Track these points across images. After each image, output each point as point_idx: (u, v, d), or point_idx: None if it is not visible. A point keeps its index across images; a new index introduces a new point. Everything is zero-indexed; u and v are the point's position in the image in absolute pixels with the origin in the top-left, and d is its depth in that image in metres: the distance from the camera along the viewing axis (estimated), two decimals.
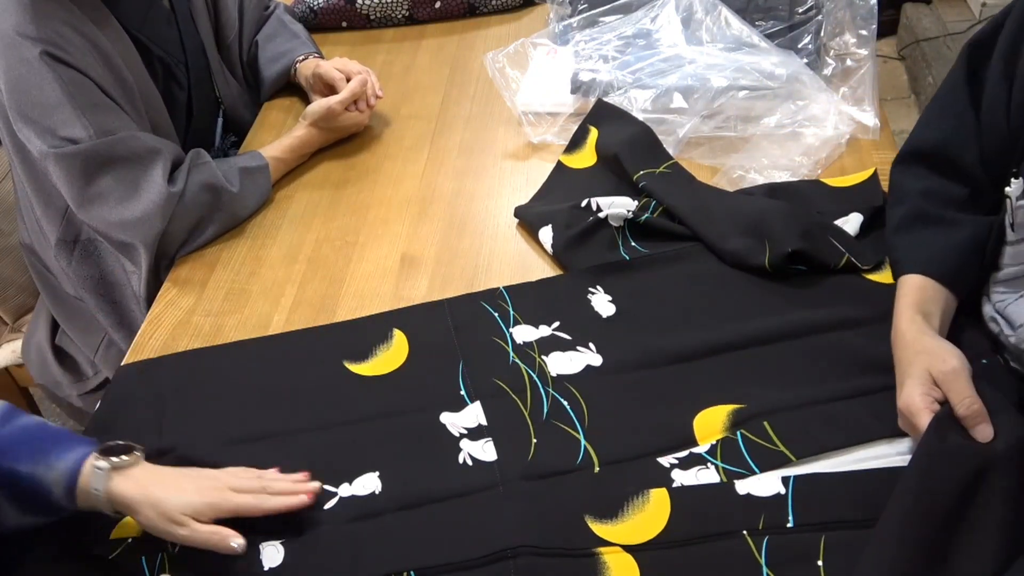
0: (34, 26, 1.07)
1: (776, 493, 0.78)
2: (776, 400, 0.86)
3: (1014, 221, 0.82)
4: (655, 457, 0.84)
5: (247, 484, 0.82)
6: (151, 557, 0.81)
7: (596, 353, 0.96)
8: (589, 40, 1.37)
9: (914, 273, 0.88)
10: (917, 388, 0.78)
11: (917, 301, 0.85)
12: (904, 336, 0.83)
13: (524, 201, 1.19)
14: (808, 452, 0.81)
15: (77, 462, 0.78)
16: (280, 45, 1.47)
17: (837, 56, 1.29)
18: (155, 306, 1.13)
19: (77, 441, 0.81)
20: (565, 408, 0.90)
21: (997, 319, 0.86)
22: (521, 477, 0.84)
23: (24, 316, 1.50)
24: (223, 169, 1.21)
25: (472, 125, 1.37)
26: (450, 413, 0.91)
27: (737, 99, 1.22)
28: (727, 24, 1.30)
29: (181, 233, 1.18)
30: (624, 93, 1.28)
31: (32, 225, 1.28)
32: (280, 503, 0.81)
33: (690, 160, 1.21)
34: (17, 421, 0.80)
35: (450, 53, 1.56)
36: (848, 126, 1.20)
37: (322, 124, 1.31)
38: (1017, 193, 0.81)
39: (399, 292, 1.09)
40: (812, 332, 0.93)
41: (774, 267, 0.99)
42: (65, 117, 1.08)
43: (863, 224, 1.04)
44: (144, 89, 1.22)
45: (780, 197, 1.09)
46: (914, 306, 0.85)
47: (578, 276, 1.05)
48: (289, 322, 1.07)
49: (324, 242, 1.19)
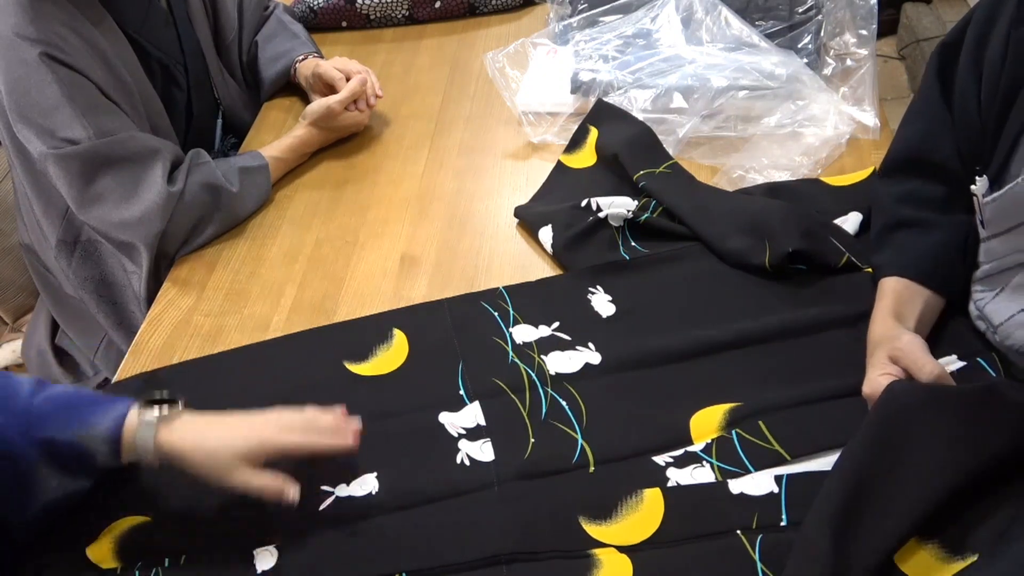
0: (33, 27, 1.07)
1: (769, 492, 0.79)
2: (772, 399, 0.86)
3: (983, 219, 0.82)
4: (650, 456, 0.84)
5: (294, 421, 0.81)
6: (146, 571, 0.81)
7: (595, 352, 0.96)
8: (589, 40, 1.37)
9: (891, 276, 0.89)
10: (876, 371, 0.81)
11: (891, 304, 0.87)
12: (871, 337, 0.86)
13: (524, 201, 1.19)
14: (802, 451, 0.81)
15: (118, 419, 0.78)
16: (280, 45, 1.47)
17: (837, 56, 1.29)
18: (155, 306, 1.13)
19: (113, 401, 0.80)
20: (563, 408, 0.90)
21: (980, 317, 0.86)
22: (517, 477, 0.84)
23: (24, 316, 1.50)
24: (223, 169, 1.21)
25: (472, 125, 1.37)
26: (449, 413, 0.91)
27: (737, 99, 1.22)
28: (727, 24, 1.30)
29: (181, 233, 1.18)
30: (624, 93, 1.28)
31: (32, 226, 1.28)
32: (327, 444, 0.80)
33: (690, 160, 1.21)
34: (49, 391, 0.80)
35: (450, 53, 1.56)
36: (848, 126, 1.20)
37: (322, 124, 1.31)
38: (983, 191, 0.81)
39: (399, 292, 1.09)
40: (809, 331, 0.93)
41: (774, 267, 0.99)
42: (64, 118, 1.08)
43: (863, 223, 1.04)
44: (143, 91, 1.22)
45: (780, 197, 1.09)
46: (887, 309, 0.87)
47: (578, 276, 1.05)
48: (289, 322, 1.07)
49: (324, 242, 1.19)
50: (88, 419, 0.78)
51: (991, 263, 0.84)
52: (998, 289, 0.83)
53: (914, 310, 0.86)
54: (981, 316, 0.86)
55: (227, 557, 0.81)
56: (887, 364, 0.81)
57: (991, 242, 0.83)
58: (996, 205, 0.80)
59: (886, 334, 0.84)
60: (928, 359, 0.79)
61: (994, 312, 0.83)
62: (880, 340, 0.84)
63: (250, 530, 0.82)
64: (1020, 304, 0.81)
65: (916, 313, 0.86)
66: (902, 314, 0.86)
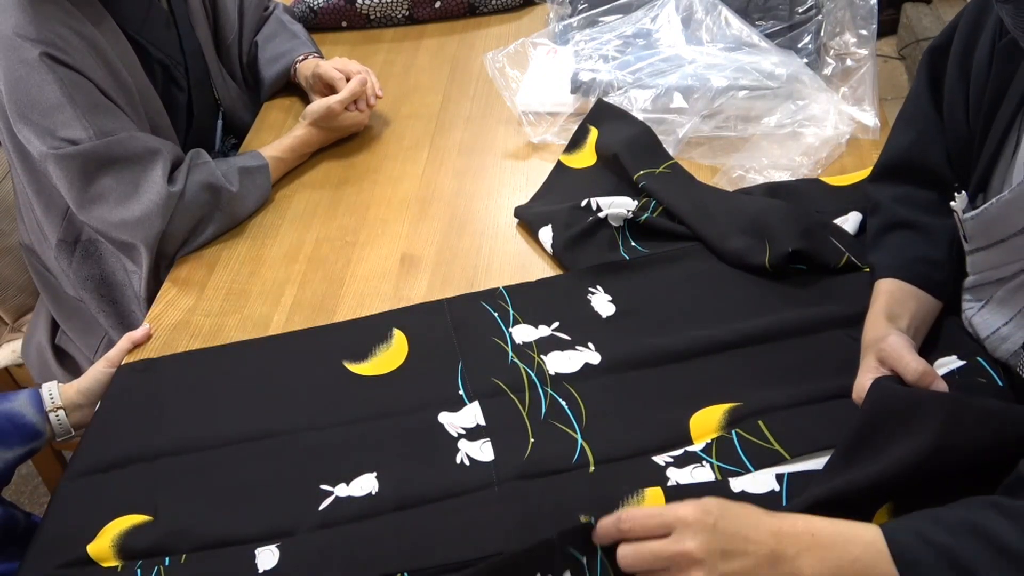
0: (33, 27, 1.07)
1: (770, 490, 0.78)
2: (772, 399, 0.86)
3: (965, 234, 0.82)
4: (650, 456, 0.84)
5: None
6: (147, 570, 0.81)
7: (595, 352, 0.96)
8: (589, 40, 1.37)
9: (886, 277, 0.89)
10: (866, 376, 0.81)
11: (885, 305, 0.87)
12: (864, 340, 0.86)
13: (524, 201, 1.19)
14: (802, 450, 0.81)
15: (33, 391, 0.99)
16: (280, 45, 1.47)
17: (837, 56, 1.29)
18: (155, 306, 1.13)
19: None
20: (563, 408, 0.90)
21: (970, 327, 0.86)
22: (517, 477, 0.83)
23: (24, 316, 1.50)
24: (223, 169, 1.21)
25: (472, 125, 1.37)
26: (448, 413, 0.91)
27: (737, 99, 1.22)
28: (727, 24, 1.30)
29: (181, 233, 1.18)
30: (624, 93, 1.28)
31: (32, 226, 1.28)
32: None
33: (690, 160, 1.21)
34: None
35: (450, 53, 1.56)
36: (848, 126, 1.20)
37: (322, 124, 1.31)
38: (962, 207, 0.81)
39: (399, 292, 1.09)
40: (809, 331, 0.93)
41: (774, 266, 0.99)
42: (65, 118, 1.08)
43: (863, 223, 1.04)
44: (143, 91, 1.22)
45: (780, 197, 1.09)
46: (880, 311, 0.86)
47: (578, 276, 1.05)
48: (289, 322, 1.07)
49: (324, 242, 1.19)
50: (8, 395, 0.97)
51: (976, 275, 0.83)
52: (983, 301, 0.83)
53: (907, 311, 0.86)
54: (970, 325, 0.86)
55: (227, 557, 0.80)
56: (876, 367, 0.81)
57: (975, 256, 0.82)
58: (975, 222, 0.79)
59: (876, 336, 0.84)
60: (913, 357, 0.79)
61: (980, 324, 0.83)
62: (870, 343, 0.84)
63: (250, 530, 0.82)
64: (1003, 318, 0.80)
65: (910, 314, 0.86)
66: (895, 315, 0.86)
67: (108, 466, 0.91)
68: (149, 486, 0.88)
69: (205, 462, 0.90)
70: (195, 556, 0.81)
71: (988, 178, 0.82)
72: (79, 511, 0.87)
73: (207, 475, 0.89)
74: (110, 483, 0.89)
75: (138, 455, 0.91)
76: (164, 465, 0.90)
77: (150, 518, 0.85)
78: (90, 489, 0.89)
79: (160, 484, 0.88)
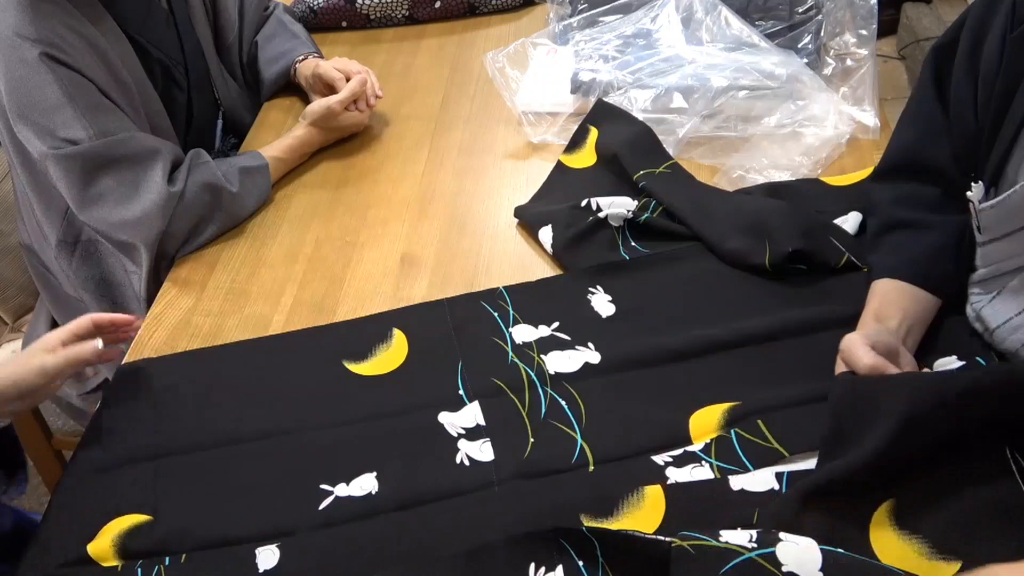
0: (33, 27, 1.07)
1: (770, 488, 0.78)
2: (771, 398, 0.86)
3: (980, 224, 0.82)
4: (650, 455, 0.84)
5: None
6: (147, 570, 0.81)
7: (595, 352, 0.96)
8: (589, 40, 1.37)
9: (883, 277, 0.89)
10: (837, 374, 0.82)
11: (877, 307, 0.87)
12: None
13: (524, 201, 1.19)
14: (802, 448, 0.81)
15: None
16: (279, 45, 1.47)
17: (837, 56, 1.29)
18: (155, 306, 1.13)
19: None
20: (563, 408, 0.90)
21: (977, 319, 0.86)
22: (517, 476, 0.84)
23: (24, 316, 1.50)
24: (223, 169, 1.21)
25: (472, 125, 1.37)
26: (448, 413, 0.91)
27: (737, 99, 1.22)
28: (727, 24, 1.30)
29: (181, 233, 1.18)
30: (624, 93, 1.28)
31: (32, 226, 1.28)
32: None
33: (690, 160, 1.21)
34: None
35: (450, 53, 1.56)
36: (848, 126, 1.20)
37: (322, 124, 1.31)
38: (979, 197, 0.81)
39: (399, 292, 1.09)
40: (809, 331, 0.93)
41: (774, 266, 0.99)
42: (65, 118, 1.08)
43: (863, 223, 1.04)
44: (143, 91, 1.22)
45: (780, 197, 1.09)
46: (871, 312, 0.87)
47: (578, 276, 1.05)
48: (289, 322, 1.07)
49: (324, 242, 1.19)
50: None
51: (988, 267, 0.84)
52: (995, 292, 0.83)
53: (900, 311, 0.86)
54: (978, 318, 0.86)
55: (228, 556, 0.81)
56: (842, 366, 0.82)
57: (988, 247, 0.82)
58: (995, 212, 0.79)
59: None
60: (864, 352, 0.79)
61: (991, 315, 0.83)
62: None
63: (250, 530, 0.82)
64: (1017, 307, 0.81)
65: (902, 313, 0.86)
66: (885, 316, 0.86)
67: (108, 466, 0.91)
68: (149, 486, 0.88)
69: (205, 462, 0.90)
70: (195, 556, 0.81)
71: (1002, 168, 0.81)
72: (79, 511, 0.87)
73: (207, 475, 0.89)
74: (110, 483, 0.89)
75: (138, 455, 0.91)
76: (164, 465, 0.90)
77: (150, 518, 0.85)
78: (90, 489, 0.89)
79: (160, 484, 0.88)
